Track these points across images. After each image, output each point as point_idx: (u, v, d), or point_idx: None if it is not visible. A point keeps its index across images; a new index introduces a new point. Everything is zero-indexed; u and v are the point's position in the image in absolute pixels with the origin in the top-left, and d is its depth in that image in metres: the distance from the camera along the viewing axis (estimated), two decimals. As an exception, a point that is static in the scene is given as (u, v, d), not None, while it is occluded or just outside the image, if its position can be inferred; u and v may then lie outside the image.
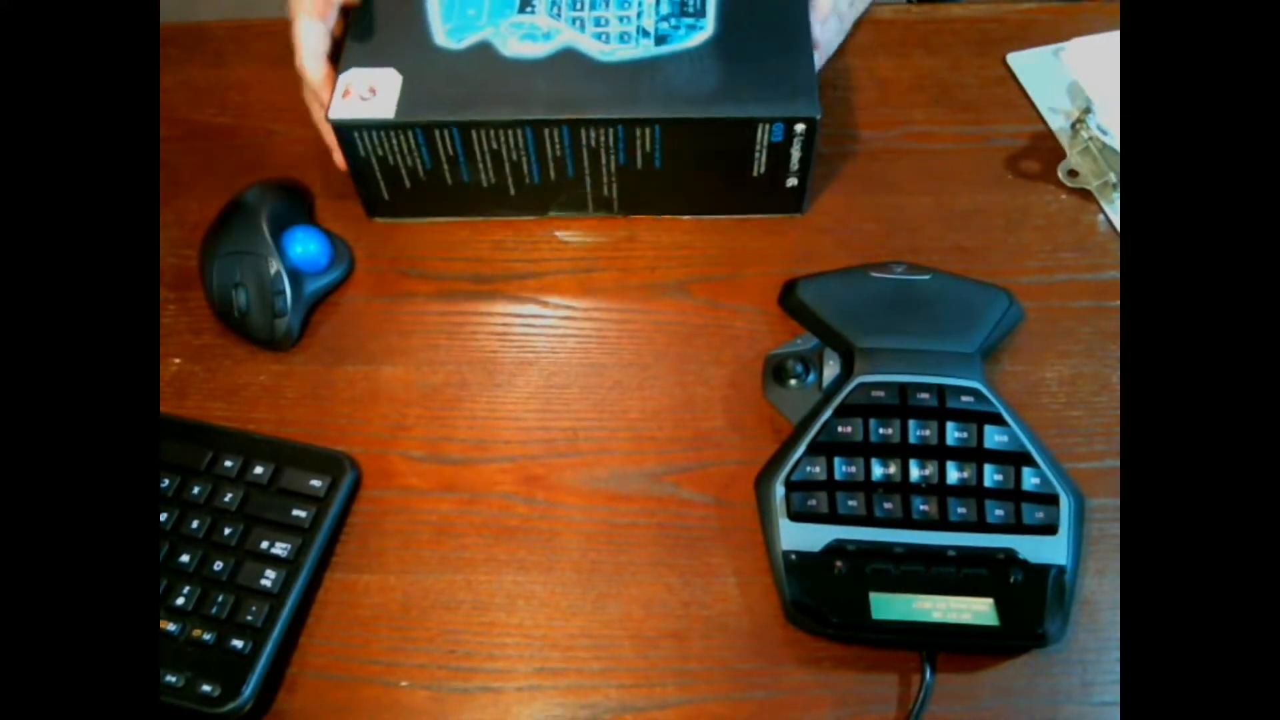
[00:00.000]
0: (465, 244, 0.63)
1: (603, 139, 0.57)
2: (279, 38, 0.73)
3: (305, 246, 0.60)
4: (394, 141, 0.58)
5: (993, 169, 0.64)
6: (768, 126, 0.56)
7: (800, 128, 0.56)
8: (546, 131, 0.57)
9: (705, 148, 0.58)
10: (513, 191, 0.61)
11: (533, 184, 0.60)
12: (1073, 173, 0.63)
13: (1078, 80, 0.64)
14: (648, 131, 0.57)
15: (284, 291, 0.58)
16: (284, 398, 0.58)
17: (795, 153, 0.58)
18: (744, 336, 0.58)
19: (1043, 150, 0.64)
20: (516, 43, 0.59)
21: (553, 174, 0.60)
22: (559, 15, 0.60)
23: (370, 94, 0.57)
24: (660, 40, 0.59)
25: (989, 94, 0.67)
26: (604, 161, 0.59)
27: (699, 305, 0.60)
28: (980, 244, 0.61)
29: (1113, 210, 0.62)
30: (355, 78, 0.58)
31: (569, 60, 0.58)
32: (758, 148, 0.58)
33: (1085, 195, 0.63)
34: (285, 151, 0.68)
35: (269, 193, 0.61)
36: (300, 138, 0.68)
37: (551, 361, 0.59)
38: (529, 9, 0.60)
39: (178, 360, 0.60)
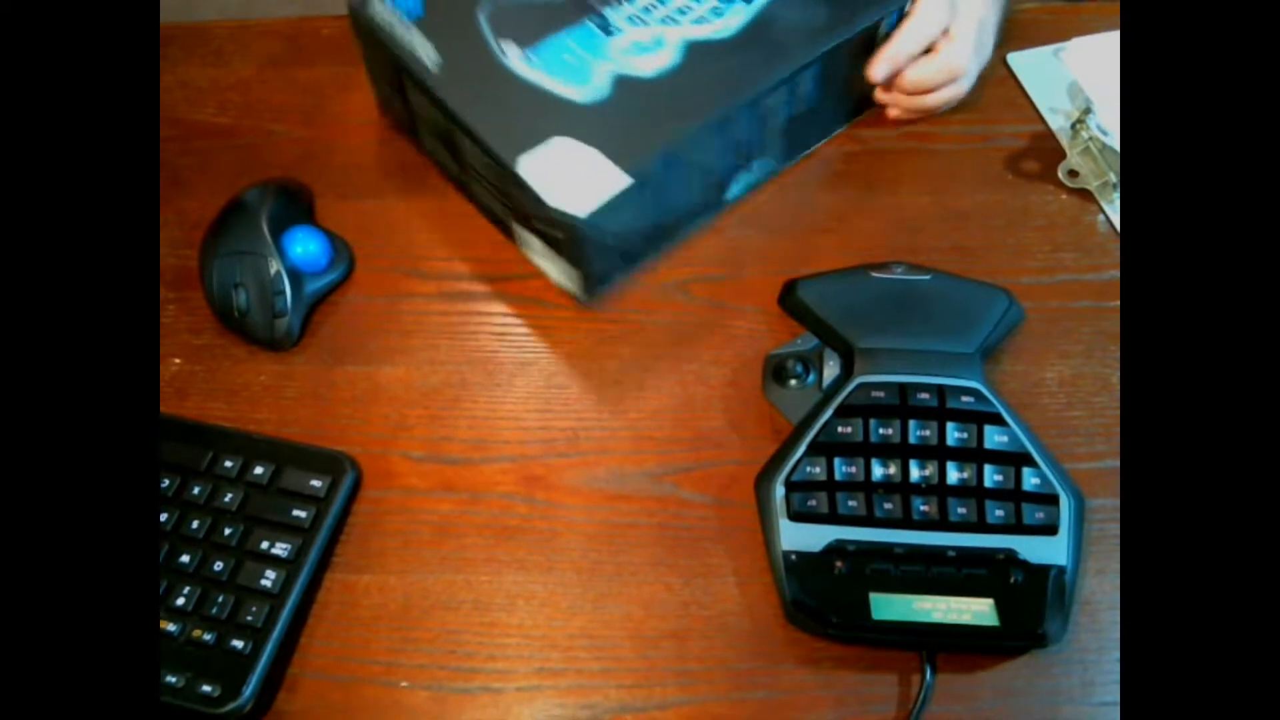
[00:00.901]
0: (465, 244, 0.63)
1: (775, 102, 0.58)
2: (279, 38, 0.74)
3: (305, 246, 0.60)
4: (620, 206, 0.54)
5: (993, 169, 0.64)
6: (886, 20, 0.60)
7: (911, 5, 0.60)
8: (736, 118, 0.57)
9: (846, 65, 0.60)
10: (701, 197, 0.61)
11: (717, 181, 0.61)
12: (1073, 173, 0.63)
13: (1078, 80, 0.64)
14: (807, 74, 0.58)
15: (284, 291, 0.58)
16: (284, 398, 0.58)
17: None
18: (744, 336, 0.58)
19: (1043, 150, 0.64)
20: (640, 60, 0.57)
21: (738, 158, 0.60)
22: (646, 23, 0.59)
23: (578, 176, 0.54)
24: None
25: (989, 94, 0.67)
26: (771, 124, 0.60)
27: (699, 305, 0.60)
28: (980, 244, 0.61)
29: (1113, 210, 0.62)
30: (539, 167, 0.54)
31: (701, 52, 0.58)
32: (878, 42, 0.61)
33: (1085, 195, 0.63)
34: (285, 151, 0.68)
35: (269, 193, 0.61)
36: (300, 138, 0.68)
37: (551, 361, 0.59)
38: (615, 31, 0.59)
39: (178, 360, 0.60)
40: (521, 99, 0.56)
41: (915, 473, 0.50)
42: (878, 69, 0.61)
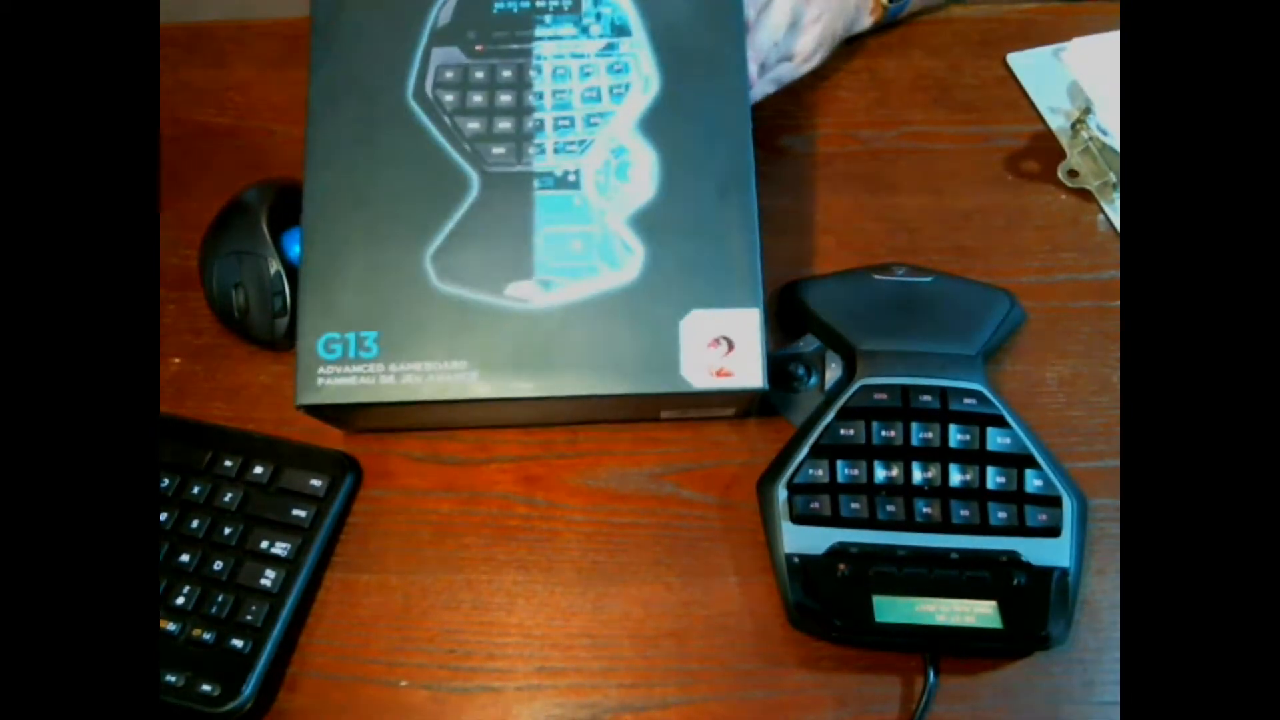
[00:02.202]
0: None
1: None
2: (279, 38, 0.74)
3: (305, 246, 0.60)
4: (766, 323, 0.50)
5: (993, 169, 0.64)
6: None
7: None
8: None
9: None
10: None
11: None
12: (1073, 173, 0.63)
13: (1078, 80, 0.64)
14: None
15: (284, 291, 0.58)
16: (284, 398, 0.58)
17: None
18: (744, 337, 0.58)
19: (1043, 150, 0.64)
20: (632, 186, 0.50)
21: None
22: (585, 142, 0.51)
23: (718, 345, 0.48)
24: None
25: (989, 94, 0.67)
26: None
27: (699, 305, 0.60)
28: (980, 244, 0.61)
29: (1113, 210, 0.62)
30: (698, 367, 0.48)
31: (655, 123, 0.51)
32: None
33: (1085, 195, 0.63)
34: (285, 151, 0.68)
35: (269, 193, 0.61)
36: (300, 138, 0.68)
37: (552, 362, 0.58)
38: (573, 178, 0.51)
39: (178, 360, 0.60)
40: (593, 328, 0.49)
41: (918, 475, 0.50)
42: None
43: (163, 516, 0.53)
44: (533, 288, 0.49)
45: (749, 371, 0.48)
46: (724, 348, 0.48)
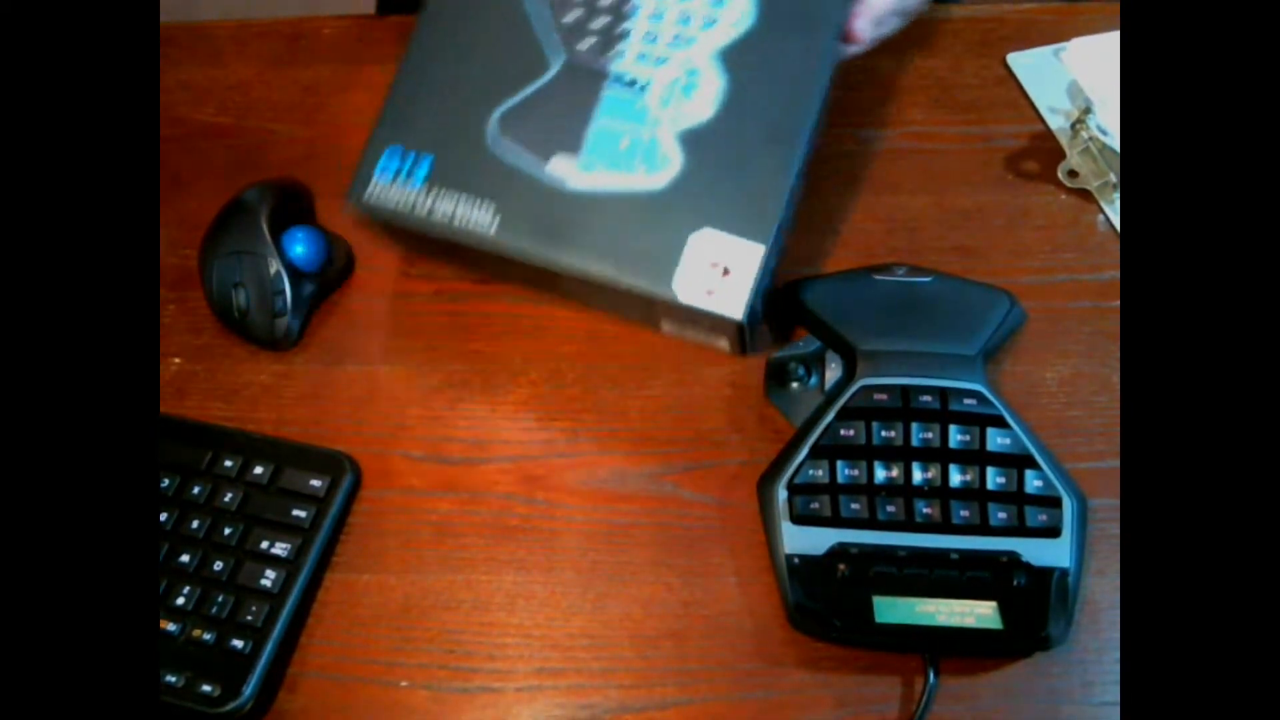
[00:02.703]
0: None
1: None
2: (279, 38, 0.74)
3: (305, 246, 0.60)
4: (768, 265, 0.50)
5: (993, 169, 0.64)
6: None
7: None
8: (817, 112, 0.52)
9: None
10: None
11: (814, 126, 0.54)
12: (1073, 173, 0.63)
13: (1078, 80, 0.64)
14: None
15: (284, 291, 0.58)
16: (284, 398, 0.58)
17: None
18: (744, 337, 0.58)
19: (1043, 150, 0.64)
20: (692, 104, 0.51)
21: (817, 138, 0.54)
22: (664, 59, 0.52)
23: (717, 267, 0.50)
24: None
25: (989, 94, 0.67)
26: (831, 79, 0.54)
27: (699, 305, 0.60)
28: (980, 244, 0.61)
29: (1113, 210, 0.62)
30: (690, 281, 0.50)
31: (738, 62, 0.52)
32: None
33: (1085, 195, 0.63)
34: (285, 151, 0.68)
35: (269, 193, 0.61)
36: (300, 137, 0.68)
37: (551, 361, 0.58)
38: (643, 85, 0.52)
39: (178, 360, 0.60)
40: (612, 217, 0.51)
41: (918, 475, 0.50)
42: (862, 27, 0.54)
43: (163, 517, 0.53)
44: (572, 168, 0.52)
45: (733, 301, 0.50)
46: (720, 271, 0.50)
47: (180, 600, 0.50)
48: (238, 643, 0.49)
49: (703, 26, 0.53)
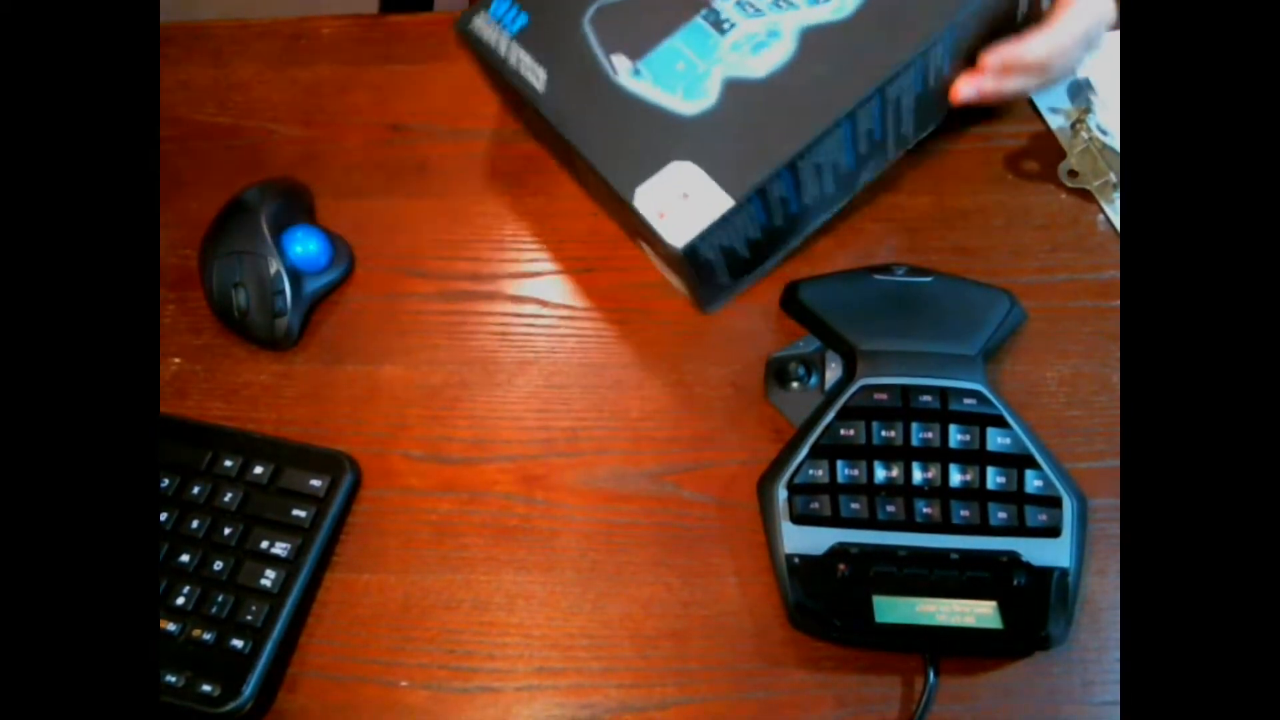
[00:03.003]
0: (465, 244, 0.63)
1: (905, 83, 0.54)
2: (279, 38, 0.74)
3: (305, 246, 0.60)
4: (735, 224, 0.53)
5: (993, 169, 0.64)
6: None
7: None
8: (860, 111, 0.53)
9: (981, 28, 0.55)
10: (830, 189, 0.57)
11: (846, 172, 0.57)
12: (1073, 173, 0.63)
13: (1078, 80, 0.64)
14: (938, 49, 0.53)
15: (284, 291, 0.58)
16: (284, 398, 0.58)
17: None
18: (744, 337, 0.58)
19: (1043, 150, 0.64)
20: (754, 60, 0.54)
21: (863, 148, 0.56)
22: (759, 11, 0.55)
23: (684, 199, 0.52)
24: None
25: (989, 94, 0.67)
26: (904, 105, 0.55)
27: (699, 305, 0.60)
28: (980, 244, 0.61)
29: (1113, 210, 0.62)
30: (654, 195, 0.53)
31: (817, 39, 0.53)
32: (1019, 4, 0.55)
33: (1085, 195, 0.62)
34: (285, 151, 0.68)
35: (269, 193, 0.61)
36: (300, 138, 0.68)
37: (551, 361, 0.58)
38: (727, 26, 0.55)
39: (178, 360, 0.60)
40: (632, 118, 0.54)
41: (918, 475, 0.50)
42: (993, 61, 0.55)
43: (163, 516, 0.53)
44: (627, 69, 0.56)
45: (679, 232, 0.52)
46: (682, 201, 0.52)
47: (180, 600, 0.50)
48: (238, 642, 0.49)
49: (810, 2, 0.55)
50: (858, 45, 0.53)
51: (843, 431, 0.51)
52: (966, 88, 0.57)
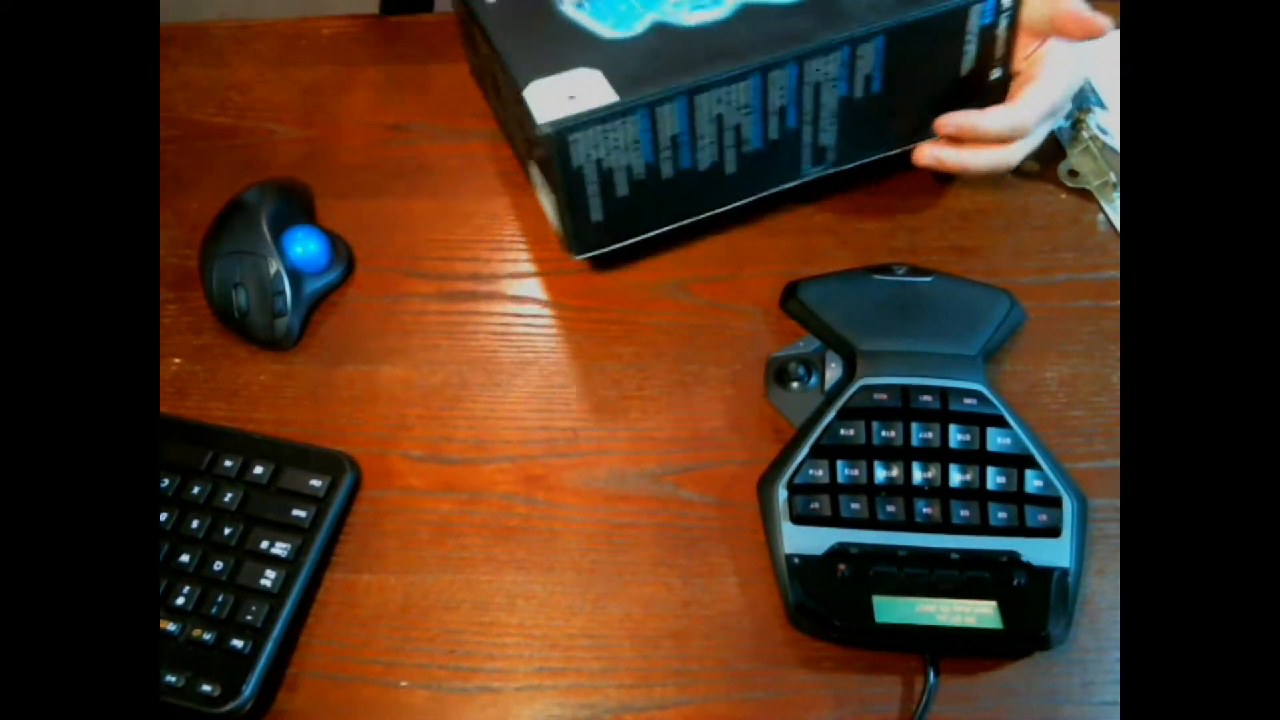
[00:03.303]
0: (465, 244, 0.63)
1: (826, 70, 0.54)
2: (279, 38, 0.74)
3: (305, 246, 0.60)
4: (614, 137, 0.53)
5: (993, 169, 0.64)
6: (979, 7, 0.54)
7: (1008, 1, 0.55)
8: (773, 75, 0.54)
9: (921, 54, 0.56)
10: (731, 169, 0.57)
11: (752, 152, 0.57)
12: (1073, 173, 0.63)
13: (1078, 80, 0.64)
14: (870, 50, 0.54)
15: (284, 291, 0.58)
16: (284, 398, 0.58)
17: (1001, 34, 0.56)
18: (744, 337, 0.58)
19: (1043, 150, 0.64)
20: (690, 13, 0.56)
21: (774, 130, 0.56)
22: None
23: (570, 100, 0.53)
24: None
25: (989, 94, 0.67)
26: (824, 100, 0.56)
27: (699, 305, 0.60)
28: (980, 244, 0.61)
29: (1113, 210, 0.62)
30: (544, 90, 0.53)
31: (753, 12, 0.55)
32: (968, 37, 0.56)
33: (1085, 195, 0.63)
34: (285, 151, 0.68)
35: (269, 193, 0.61)
36: (300, 138, 0.68)
37: (551, 361, 0.59)
38: None
39: (178, 360, 0.60)
40: (558, 35, 0.56)
41: (918, 475, 0.50)
42: (947, 122, 0.56)
43: (163, 516, 0.53)
44: (571, 2, 0.58)
45: (551, 115, 0.52)
46: (567, 101, 0.53)
47: (180, 600, 0.50)
48: (238, 643, 0.49)
49: None
50: (786, 23, 0.54)
51: (843, 431, 0.51)
52: (925, 153, 0.57)
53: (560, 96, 0.53)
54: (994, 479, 0.50)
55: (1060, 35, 0.55)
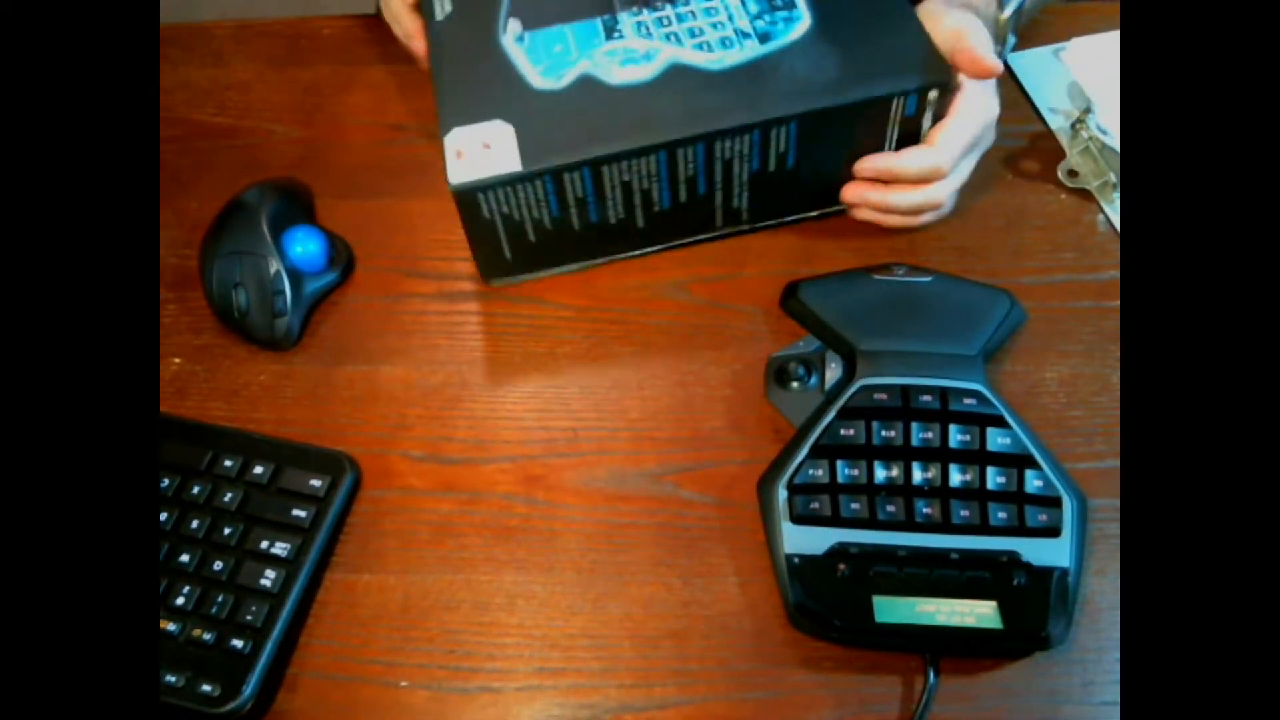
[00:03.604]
0: (465, 244, 0.63)
1: (737, 147, 0.55)
2: (279, 38, 0.74)
3: (305, 246, 0.60)
4: (521, 195, 0.55)
5: (993, 169, 0.64)
6: (902, 100, 0.54)
7: (933, 95, 0.55)
8: (680, 152, 0.55)
9: (839, 136, 0.56)
10: (641, 223, 0.59)
11: (661, 211, 0.58)
12: (1073, 173, 0.63)
13: (1078, 80, 0.64)
14: (783, 131, 0.55)
15: (284, 291, 0.58)
16: (284, 398, 0.58)
17: (926, 122, 0.56)
18: (744, 337, 0.58)
19: (1043, 150, 0.64)
20: (619, 69, 0.56)
21: (683, 195, 0.57)
22: (650, 34, 0.57)
23: (485, 149, 0.54)
24: (763, 39, 0.56)
25: (989, 94, 0.67)
26: (736, 171, 0.57)
27: (699, 305, 0.60)
28: (980, 244, 0.61)
29: (1113, 210, 0.62)
30: (463, 138, 0.55)
31: (679, 76, 0.56)
32: (891, 124, 0.56)
33: (1085, 195, 0.63)
34: (285, 151, 0.68)
35: (269, 193, 0.61)
36: (300, 138, 0.68)
37: (551, 361, 0.58)
38: (616, 35, 0.58)
39: (178, 360, 0.60)
40: (492, 72, 0.57)
41: (918, 475, 0.50)
42: (865, 166, 0.57)
43: (163, 516, 0.53)
44: (516, 31, 0.59)
45: (462, 172, 0.54)
46: (481, 151, 0.54)
47: (180, 600, 0.50)
48: (238, 643, 0.49)
49: (696, 46, 0.57)
50: (707, 96, 0.55)
51: (843, 431, 0.51)
52: (850, 191, 0.58)
53: (476, 145, 0.54)
54: (994, 479, 0.50)
55: (957, 70, 0.55)
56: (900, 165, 0.56)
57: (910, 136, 0.57)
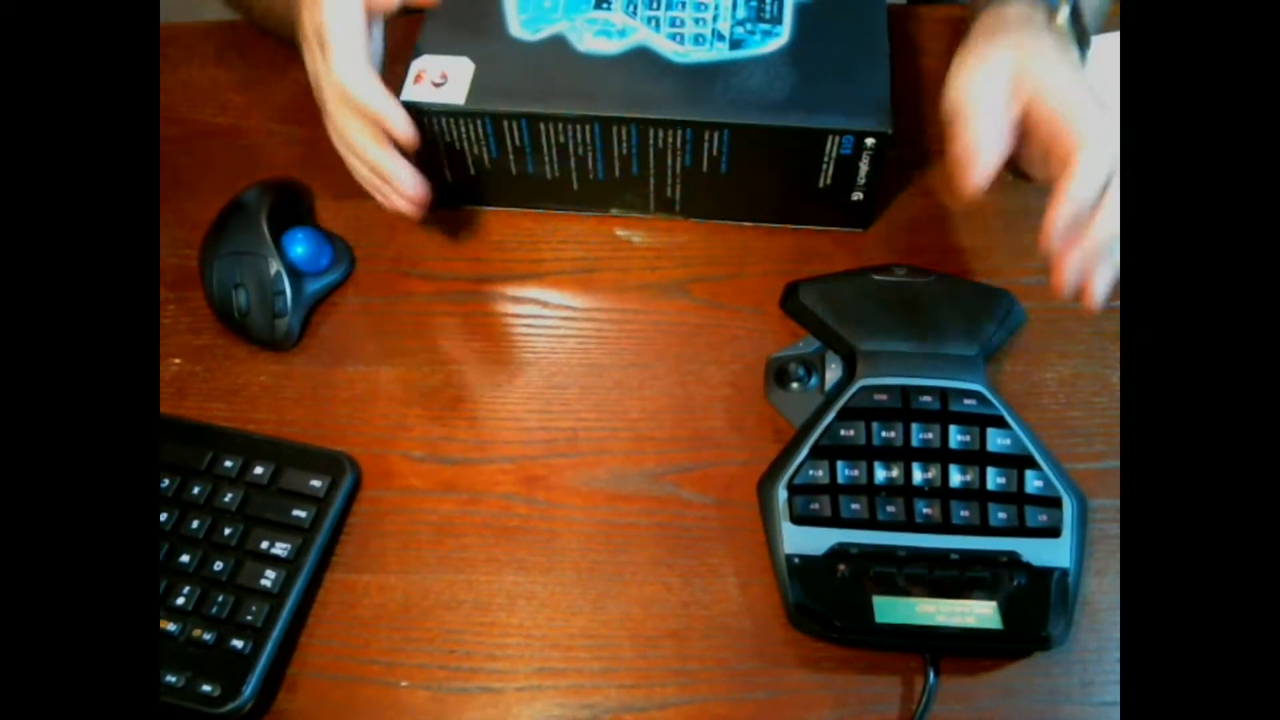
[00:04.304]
0: (465, 244, 0.63)
1: (670, 140, 0.57)
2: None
3: (305, 246, 0.60)
4: (463, 129, 0.58)
5: (993, 169, 0.64)
6: (837, 139, 0.55)
7: (870, 142, 0.56)
8: (615, 129, 0.57)
9: (773, 156, 0.57)
10: (576, 186, 0.61)
11: (596, 180, 0.60)
12: (1073, 173, 0.63)
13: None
14: (716, 136, 0.56)
15: (284, 291, 0.58)
16: (284, 398, 0.58)
17: (863, 166, 0.57)
18: (744, 337, 0.58)
19: (1043, 151, 0.64)
20: (591, 38, 0.59)
21: (618, 171, 0.59)
22: (635, 13, 0.59)
23: (442, 79, 0.57)
24: (735, 45, 0.58)
25: (989, 94, 0.66)
26: (670, 162, 0.58)
27: (699, 305, 0.60)
28: (980, 244, 0.61)
29: (1113, 211, 0.61)
30: (428, 64, 0.58)
31: (642, 59, 0.58)
32: (826, 159, 0.57)
33: (1086, 196, 0.62)
34: (285, 151, 0.68)
35: (269, 193, 0.61)
36: (300, 138, 0.68)
37: (551, 361, 0.58)
38: (605, 5, 0.60)
39: (178, 360, 0.60)
40: (480, 12, 0.60)
41: (918, 475, 0.50)
42: (1054, 226, 0.46)
43: (163, 517, 0.53)
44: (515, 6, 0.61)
45: (412, 91, 0.58)
46: (439, 80, 0.58)
47: (180, 600, 0.50)
48: (238, 643, 0.49)
49: (670, 35, 0.59)
50: (657, 85, 0.57)
51: (843, 432, 0.51)
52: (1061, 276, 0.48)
53: (435, 73, 0.58)
54: (994, 479, 0.50)
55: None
56: (1069, 195, 0.45)
57: (846, 176, 0.58)
